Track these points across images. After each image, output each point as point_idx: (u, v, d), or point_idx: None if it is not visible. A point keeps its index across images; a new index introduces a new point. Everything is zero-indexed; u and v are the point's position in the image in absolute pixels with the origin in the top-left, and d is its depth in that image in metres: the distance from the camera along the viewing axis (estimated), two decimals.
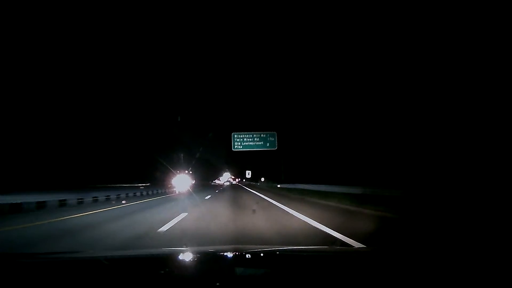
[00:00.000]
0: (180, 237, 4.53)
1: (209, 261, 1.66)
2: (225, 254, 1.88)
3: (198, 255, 1.87)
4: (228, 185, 57.51)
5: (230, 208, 9.01)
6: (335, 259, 1.62)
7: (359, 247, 3.51)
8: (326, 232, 4.63)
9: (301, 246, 3.54)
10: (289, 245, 3.78)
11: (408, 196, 8.12)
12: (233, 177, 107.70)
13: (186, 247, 3.74)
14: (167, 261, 1.63)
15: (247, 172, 53.14)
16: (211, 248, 2.77)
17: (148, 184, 29.95)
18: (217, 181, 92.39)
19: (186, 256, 1.87)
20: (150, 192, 19.73)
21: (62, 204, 10.35)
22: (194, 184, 43.90)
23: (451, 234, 4.51)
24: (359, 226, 5.23)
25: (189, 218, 6.64)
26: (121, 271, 1.31)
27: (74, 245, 4.17)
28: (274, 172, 35.11)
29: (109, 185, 26.36)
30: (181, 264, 1.57)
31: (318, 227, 5.13)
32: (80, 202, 11.35)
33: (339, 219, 6.15)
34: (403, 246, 3.68)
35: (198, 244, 4.06)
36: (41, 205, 9.40)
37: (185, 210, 8.13)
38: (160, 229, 5.14)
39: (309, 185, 19.29)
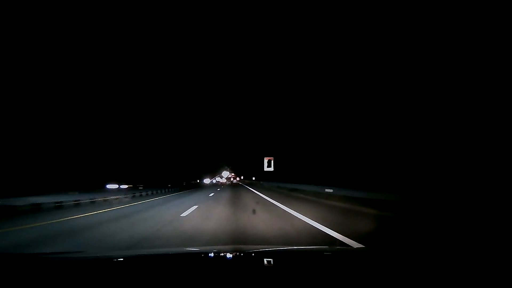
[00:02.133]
0: None
1: (209, 261, 1.68)
2: (225, 254, 1.90)
3: (198, 255, 1.89)
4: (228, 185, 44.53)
5: None
6: (335, 258, 1.64)
7: (358, 247, 3.53)
8: None
9: (301, 246, 3.56)
10: (289, 245, 3.80)
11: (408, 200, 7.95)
12: (233, 174, 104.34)
13: (187, 247, 3.78)
14: (167, 261, 1.63)
15: (266, 161, 32.28)
16: (211, 248, 2.79)
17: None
18: (206, 181, 75.40)
19: (187, 256, 1.89)
20: None
21: None
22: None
23: (447, 234, 4.53)
24: None
25: None
26: (122, 271, 1.32)
27: None
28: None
29: None
30: (182, 264, 1.58)
31: None
32: None
33: None
34: (402, 246, 3.70)
35: None
36: None
37: None
38: None
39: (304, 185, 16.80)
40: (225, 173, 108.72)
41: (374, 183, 12.21)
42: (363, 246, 3.67)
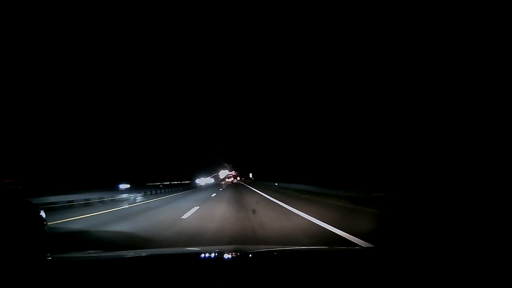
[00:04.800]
0: None
1: (209, 261, 1.67)
2: (225, 254, 1.89)
3: (198, 255, 1.89)
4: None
5: None
6: (336, 258, 1.63)
7: (360, 247, 3.54)
8: None
9: (301, 246, 3.56)
10: (290, 245, 3.79)
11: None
12: (233, 173, 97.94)
13: (186, 247, 3.78)
14: (167, 261, 1.64)
15: None
16: (211, 248, 2.79)
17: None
18: (204, 180, 69.36)
19: (186, 256, 1.89)
20: None
21: None
22: None
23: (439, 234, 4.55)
24: None
25: None
26: (121, 272, 1.32)
27: None
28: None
29: None
30: (181, 264, 1.57)
31: None
32: None
33: None
34: (404, 245, 3.70)
35: None
36: None
37: None
38: None
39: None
40: (224, 172, 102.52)
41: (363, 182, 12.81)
42: (365, 246, 3.69)
